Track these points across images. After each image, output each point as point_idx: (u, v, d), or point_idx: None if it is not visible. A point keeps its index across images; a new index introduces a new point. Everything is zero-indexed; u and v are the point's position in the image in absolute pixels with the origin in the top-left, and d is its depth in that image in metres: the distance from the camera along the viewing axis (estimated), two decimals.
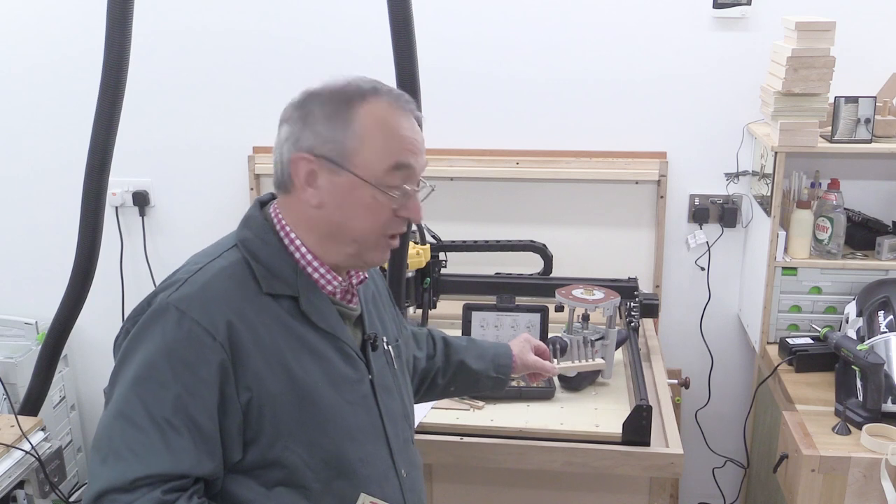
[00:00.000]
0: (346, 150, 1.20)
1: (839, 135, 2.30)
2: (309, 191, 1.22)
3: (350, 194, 1.21)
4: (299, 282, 1.24)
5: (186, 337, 1.14)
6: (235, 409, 1.16)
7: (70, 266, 1.98)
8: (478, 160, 2.70)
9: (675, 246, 2.72)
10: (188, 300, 1.16)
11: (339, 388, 1.26)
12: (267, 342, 1.19)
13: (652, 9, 2.55)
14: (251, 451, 1.18)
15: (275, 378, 1.19)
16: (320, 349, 1.25)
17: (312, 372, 1.23)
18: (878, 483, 1.85)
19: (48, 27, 2.80)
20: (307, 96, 1.24)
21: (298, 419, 1.20)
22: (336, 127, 1.20)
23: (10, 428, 2.01)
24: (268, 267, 1.23)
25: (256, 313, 1.20)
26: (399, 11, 1.77)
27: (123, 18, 1.79)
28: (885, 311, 2.16)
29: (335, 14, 2.67)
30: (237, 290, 1.20)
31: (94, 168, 1.90)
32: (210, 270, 1.21)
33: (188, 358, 1.13)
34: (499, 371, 1.68)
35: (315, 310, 1.25)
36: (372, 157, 1.21)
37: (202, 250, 1.29)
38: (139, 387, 1.13)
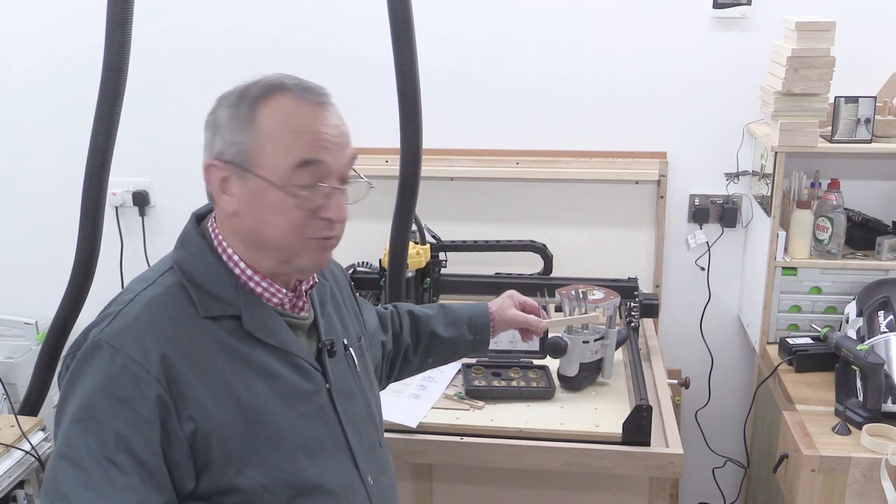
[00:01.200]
0: (250, 152, 1.15)
1: (839, 135, 2.30)
2: (224, 198, 1.18)
3: (259, 198, 1.16)
4: (241, 299, 1.19)
5: (121, 373, 1.10)
6: (180, 440, 1.12)
7: (70, 266, 1.98)
8: (478, 160, 2.70)
9: (675, 246, 2.72)
10: (120, 335, 1.12)
11: (293, 403, 1.21)
12: (209, 369, 1.15)
13: (652, 9, 2.55)
14: (204, 479, 1.15)
15: (219, 404, 1.14)
16: (269, 366, 1.20)
17: (260, 391, 1.18)
18: (878, 483, 1.85)
19: (48, 27, 2.80)
20: (218, 100, 1.20)
21: (249, 442, 1.16)
22: (239, 129, 1.15)
23: (10, 428, 2.01)
24: (205, 288, 1.18)
25: (194, 340, 1.15)
26: (399, 11, 1.77)
27: (123, 18, 1.79)
28: (885, 311, 2.16)
29: (335, 14, 2.67)
30: (171, 319, 1.15)
31: (94, 168, 1.90)
32: (142, 301, 1.16)
33: (124, 394, 1.09)
34: (476, 332, 1.63)
35: (260, 326, 1.20)
36: (275, 156, 1.14)
37: (141, 274, 1.25)
38: (79, 427, 1.09)
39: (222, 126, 1.17)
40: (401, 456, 1.90)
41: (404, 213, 1.96)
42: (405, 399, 2.01)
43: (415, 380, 2.07)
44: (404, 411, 1.93)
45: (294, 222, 1.16)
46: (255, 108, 1.16)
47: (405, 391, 2.04)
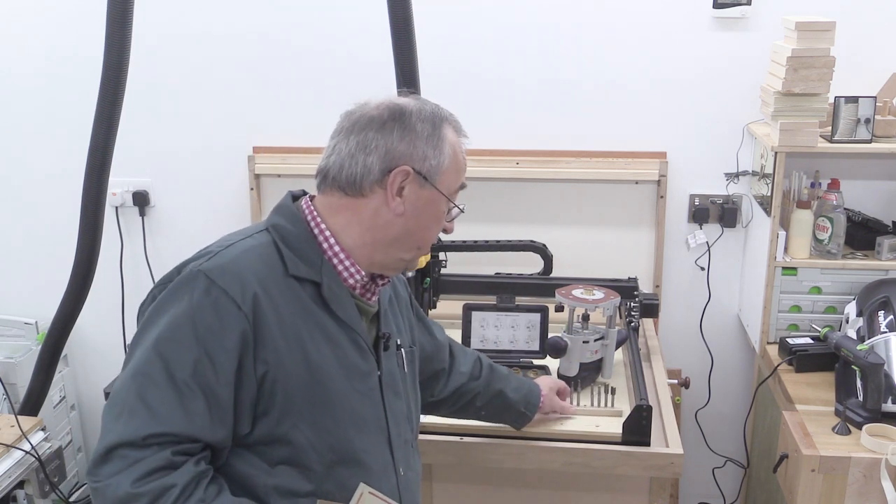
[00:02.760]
0: (438, 169, 1.30)
1: (839, 135, 2.30)
2: (397, 200, 1.29)
3: (429, 207, 1.31)
4: (323, 270, 1.29)
5: (213, 304, 1.18)
6: (251, 380, 1.19)
7: (70, 266, 1.99)
8: (478, 160, 2.69)
9: (675, 246, 2.72)
10: (219, 269, 1.20)
11: (350, 377, 1.30)
12: (287, 321, 1.23)
13: (652, 9, 2.55)
14: (260, 424, 1.22)
15: (291, 356, 1.22)
16: (336, 337, 1.29)
17: (327, 356, 1.27)
18: (878, 483, 1.85)
19: (49, 27, 2.80)
20: (399, 110, 1.30)
21: (309, 399, 1.24)
22: (433, 146, 1.30)
23: (10, 428, 2.01)
24: (295, 250, 1.28)
25: (281, 292, 1.24)
26: (399, 11, 1.77)
27: (123, 18, 1.79)
28: (885, 311, 2.16)
29: (335, 16, 2.67)
30: (265, 268, 1.24)
31: (94, 168, 1.90)
32: (241, 247, 1.26)
33: (213, 324, 1.17)
34: (527, 408, 1.78)
35: (335, 298, 1.29)
36: (452, 176, 1.33)
37: (235, 231, 1.34)
38: (161, 346, 1.16)
39: (419, 138, 1.29)
40: None
41: None
42: None
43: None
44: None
45: (439, 230, 1.37)
46: (443, 130, 1.32)
47: None
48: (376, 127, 1.29)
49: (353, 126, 1.31)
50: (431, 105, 1.35)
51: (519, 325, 2.17)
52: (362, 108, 1.33)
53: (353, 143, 1.29)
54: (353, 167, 1.29)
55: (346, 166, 1.29)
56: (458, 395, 1.71)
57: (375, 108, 1.32)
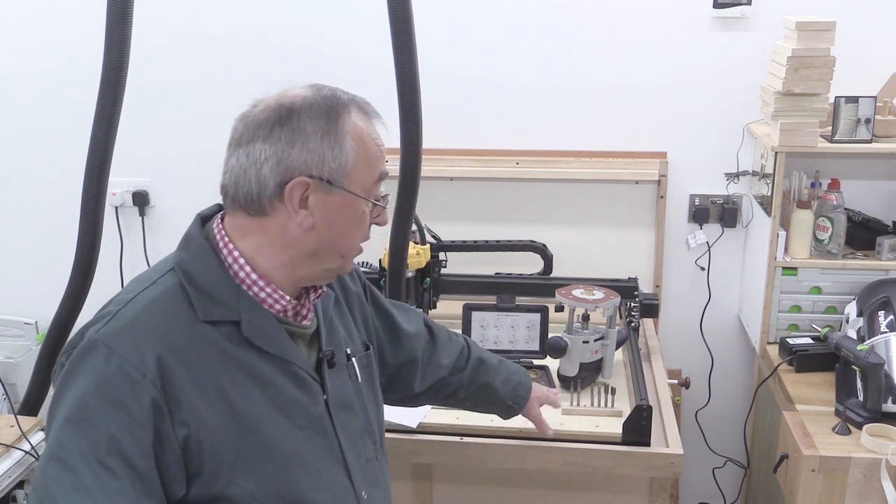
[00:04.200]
0: (342, 168, 1.16)
1: (839, 135, 2.30)
2: (302, 213, 1.16)
3: (342, 212, 1.18)
4: (241, 304, 1.17)
5: (116, 374, 1.08)
6: (172, 445, 1.10)
7: (70, 266, 1.98)
8: (478, 160, 2.70)
9: (675, 246, 2.72)
10: (116, 336, 1.10)
11: (289, 414, 1.20)
12: (204, 374, 1.12)
13: (652, 9, 2.55)
14: (195, 485, 1.13)
15: (213, 411, 1.12)
16: (266, 374, 1.18)
17: (256, 400, 1.16)
18: (879, 483, 1.85)
19: (49, 27, 2.80)
20: (286, 111, 1.16)
21: (242, 451, 1.14)
22: (330, 144, 1.15)
23: (10, 428, 2.01)
24: (206, 291, 1.16)
25: (192, 344, 1.13)
26: (399, 12, 1.77)
27: (123, 18, 1.79)
28: (886, 311, 2.16)
29: (334, 15, 2.67)
30: (169, 321, 1.13)
31: (93, 168, 1.89)
32: (141, 301, 1.14)
33: (119, 397, 1.07)
34: (515, 402, 1.67)
35: (259, 333, 1.18)
36: (364, 172, 1.18)
37: (142, 273, 1.23)
38: (71, 427, 1.07)
39: (310, 139, 1.14)
40: (401, 456, 1.91)
41: (404, 213, 1.96)
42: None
43: None
44: (404, 412, 1.92)
45: (364, 230, 1.23)
46: (340, 123, 1.16)
47: None
48: (263, 134, 1.15)
49: (242, 136, 1.17)
50: (327, 92, 1.18)
51: (519, 325, 2.18)
52: (251, 112, 1.18)
53: (244, 155, 1.16)
54: (247, 184, 1.15)
55: (241, 184, 1.16)
56: (439, 387, 1.61)
57: (262, 110, 1.17)
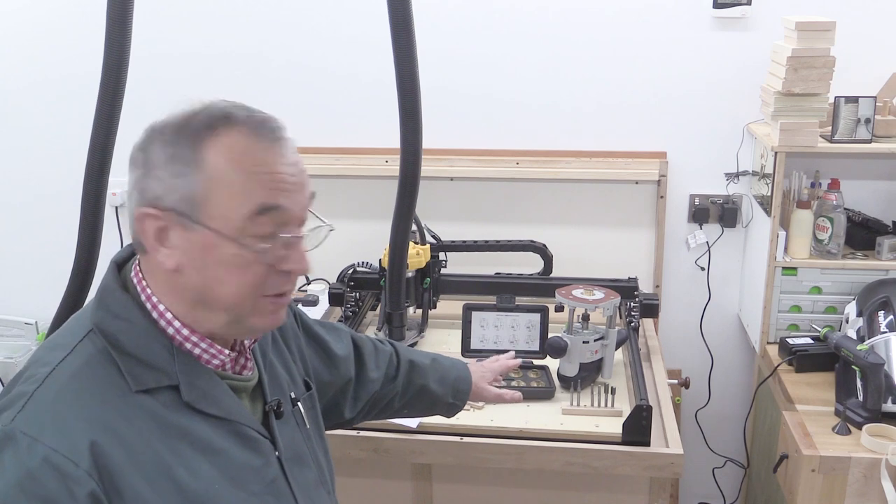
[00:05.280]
0: (196, 199, 0.97)
1: (839, 135, 2.30)
2: (162, 251, 1.00)
3: (208, 253, 0.98)
4: (177, 365, 1.01)
5: (41, 468, 0.90)
6: None
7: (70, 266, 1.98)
8: (478, 160, 2.70)
9: (675, 246, 2.72)
10: (38, 423, 0.93)
11: (242, 483, 1.05)
12: (144, 454, 0.96)
13: (652, 9, 2.55)
14: None
15: (159, 495, 0.96)
16: (213, 442, 1.03)
17: (204, 474, 1.01)
18: (879, 483, 1.85)
19: (49, 27, 2.80)
20: (148, 133, 1.01)
21: None
22: (180, 171, 0.97)
23: None
24: (135, 356, 1.00)
25: (126, 420, 0.97)
26: (399, 12, 1.76)
27: (123, 19, 1.79)
28: (886, 311, 2.16)
29: (335, 11, 2.67)
30: (97, 398, 0.96)
31: (93, 168, 1.89)
32: (60, 377, 0.97)
33: (48, 494, 0.90)
34: (456, 397, 1.58)
35: (201, 396, 1.03)
36: (227, 204, 0.97)
37: (52, 338, 1.05)
38: None
39: (158, 166, 0.98)
40: (401, 456, 1.91)
41: (404, 213, 1.96)
42: None
43: None
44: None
45: (251, 280, 1.00)
46: (200, 144, 0.98)
47: None
48: (132, 160, 1.02)
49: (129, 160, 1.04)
50: (190, 112, 1.01)
51: (519, 325, 2.17)
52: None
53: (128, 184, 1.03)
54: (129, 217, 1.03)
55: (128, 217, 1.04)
56: (373, 403, 1.48)
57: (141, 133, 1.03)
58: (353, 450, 1.88)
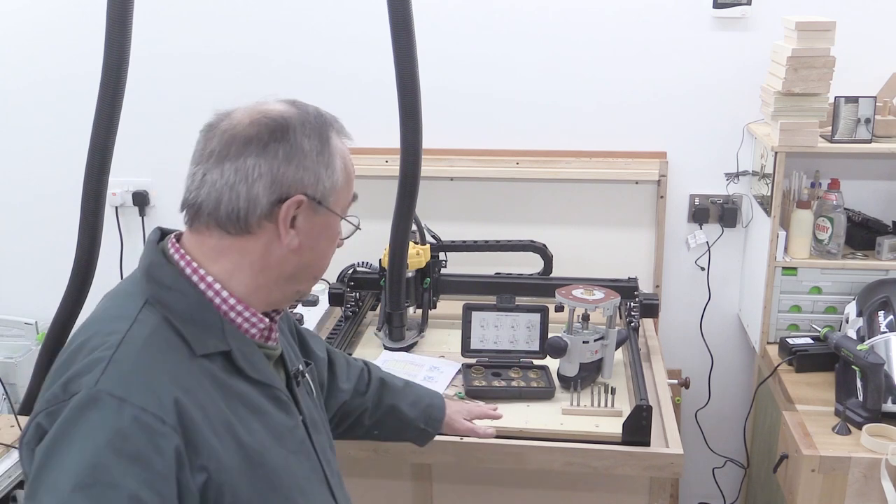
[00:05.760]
0: (331, 188, 1.13)
1: (839, 135, 2.30)
2: (291, 233, 1.11)
3: (324, 232, 1.15)
4: (226, 332, 1.11)
5: (131, 427, 0.97)
6: (191, 494, 1.01)
7: (70, 266, 1.98)
8: (478, 160, 2.70)
9: (675, 246, 2.72)
10: (124, 383, 0.99)
11: (282, 440, 1.15)
12: (212, 412, 1.05)
13: (652, 9, 2.55)
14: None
15: (227, 450, 1.05)
16: (259, 404, 1.13)
17: (257, 432, 1.11)
18: (879, 483, 1.85)
19: (49, 27, 2.80)
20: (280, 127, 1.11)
21: (255, 487, 1.08)
22: (325, 164, 1.12)
23: (10, 428, 2.01)
24: (193, 323, 1.08)
25: (195, 380, 1.06)
26: (399, 12, 1.76)
27: (123, 19, 1.79)
28: (886, 311, 2.16)
29: (336, 11, 2.67)
30: (172, 361, 1.05)
31: (93, 168, 1.89)
32: (135, 342, 1.04)
33: (139, 451, 0.96)
34: (428, 424, 1.62)
35: (247, 361, 1.13)
36: (345, 193, 1.17)
37: (103, 312, 1.12)
38: (84, 495, 0.94)
39: (308, 158, 1.11)
40: (401, 456, 1.91)
41: (404, 213, 1.96)
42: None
43: (420, 372, 2.10)
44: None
45: (333, 251, 1.21)
46: (331, 143, 1.15)
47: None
48: (256, 150, 1.09)
49: (226, 149, 1.10)
50: (312, 110, 1.16)
51: (519, 325, 2.17)
52: (231, 125, 1.12)
53: (230, 171, 1.09)
54: (234, 201, 1.09)
55: (224, 200, 1.09)
56: (343, 414, 1.54)
57: (250, 124, 1.10)
58: (353, 450, 1.88)
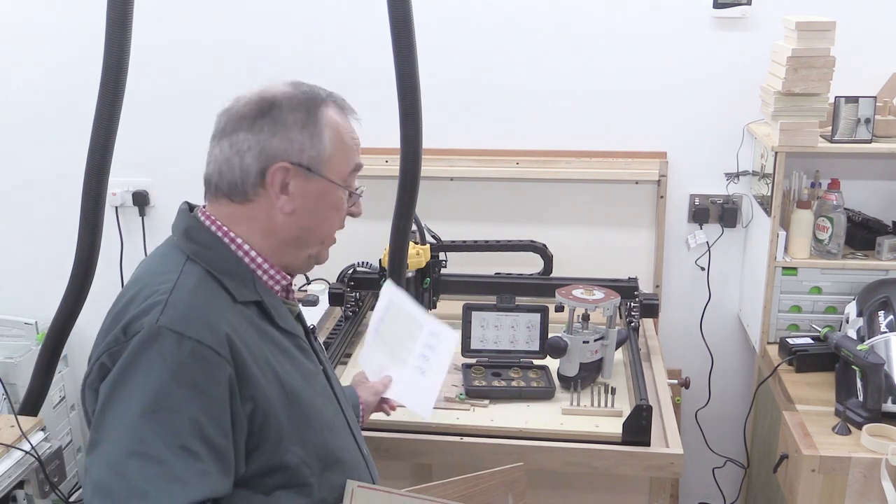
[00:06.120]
0: (321, 157, 1.26)
1: (839, 135, 2.30)
2: (283, 198, 1.25)
3: (321, 199, 1.27)
4: (257, 286, 1.27)
5: (191, 358, 1.11)
6: (241, 421, 1.15)
7: (70, 266, 1.98)
8: (478, 160, 2.70)
9: (675, 246, 2.72)
10: (182, 320, 1.13)
11: (311, 383, 1.30)
12: (255, 349, 1.19)
13: (652, 9, 2.55)
14: (253, 460, 1.18)
15: (269, 384, 1.19)
16: (289, 349, 1.28)
17: (290, 371, 1.25)
18: (879, 483, 1.85)
19: (49, 27, 2.80)
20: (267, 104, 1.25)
21: (292, 419, 1.22)
22: (309, 135, 1.25)
23: (10, 428, 2.01)
24: (230, 275, 1.24)
25: (239, 322, 1.20)
26: (399, 12, 1.76)
27: (123, 19, 1.79)
28: (886, 311, 2.16)
29: (335, 14, 2.67)
30: (221, 304, 1.20)
31: (93, 168, 1.89)
32: (186, 287, 1.18)
33: (197, 379, 1.10)
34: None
35: (276, 311, 1.28)
36: (340, 161, 1.28)
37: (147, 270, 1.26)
38: (149, 420, 1.08)
39: (288, 130, 1.24)
40: (401, 456, 1.91)
41: (404, 213, 1.96)
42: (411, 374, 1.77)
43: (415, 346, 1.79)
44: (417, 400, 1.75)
45: (342, 219, 1.33)
46: (319, 116, 1.26)
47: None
48: (246, 126, 1.24)
49: (225, 128, 1.26)
50: (306, 88, 1.29)
51: (519, 325, 2.17)
52: (233, 106, 1.28)
53: (227, 146, 1.25)
54: (231, 172, 1.25)
55: (224, 172, 1.26)
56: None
57: (245, 104, 1.26)
58: None
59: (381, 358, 1.75)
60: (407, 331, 1.78)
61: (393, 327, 1.76)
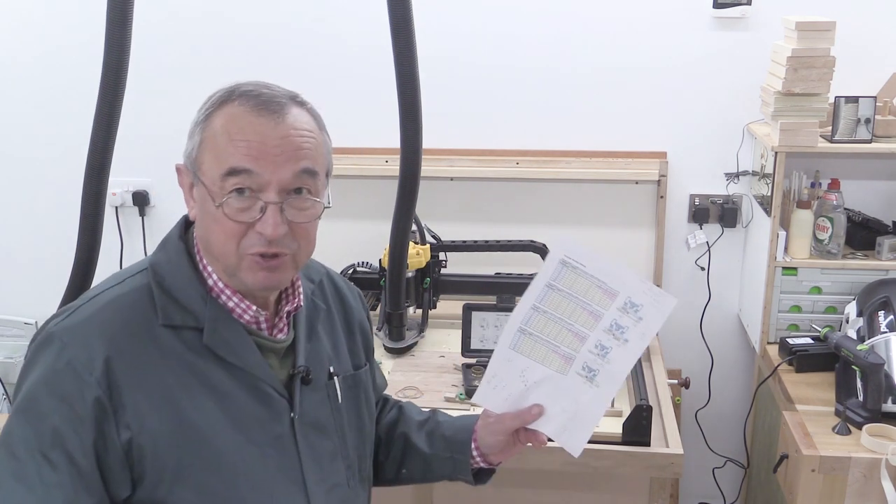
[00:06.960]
0: (197, 158, 1.13)
1: (839, 135, 2.30)
2: (190, 203, 1.17)
3: (203, 205, 1.13)
4: (208, 312, 1.14)
5: (64, 370, 1.09)
6: (115, 446, 1.09)
7: (70, 266, 1.98)
8: (478, 160, 2.70)
9: (675, 246, 2.72)
10: (70, 332, 1.11)
11: (245, 429, 1.15)
12: (153, 379, 1.11)
13: (652, 8, 2.55)
14: (139, 490, 1.12)
15: (159, 417, 1.10)
16: (224, 386, 1.15)
17: (208, 411, 1.13)
18: (879, 483, 1.85)
19: (48, 27, 2.80)
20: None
21: (185, 461, 1.11)
22: (194, 133, 1.15)
23: None
24: (172, 295, 1.14)
25: (145, 347, 1.12)
26: (399, 11, 1.76)
27: (124, 19, 1.79)
28: (886, 311, 2.16)
29: (335, 15, 2.67)
30: (124, 323, 1.12)
31: (93, 168, 1.89)
32: (103, 299, 1.14)
33: (65, 392, 1.08)
34: (452, 450, 1.41)
35: (221, 343, 1.15)
36: (212, 163, 1.11)
37: (122, 269, 1.23)
38: (20, 418, 1.09)
39: (193, 127, 1.16)
40: None
41: (404, 213, 1.96)
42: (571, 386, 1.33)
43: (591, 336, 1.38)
44: (576, 416, 1.33)
45: (227, 233, 1.11)
46: (211, 113, 1.14)
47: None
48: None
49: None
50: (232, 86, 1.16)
51: None
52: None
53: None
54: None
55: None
56: (391, 438, 1.46)
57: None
58: None
59: (523, 370, 1.34)
60: (585, 308, 1.34)
61: (563, 307, 1.34)
